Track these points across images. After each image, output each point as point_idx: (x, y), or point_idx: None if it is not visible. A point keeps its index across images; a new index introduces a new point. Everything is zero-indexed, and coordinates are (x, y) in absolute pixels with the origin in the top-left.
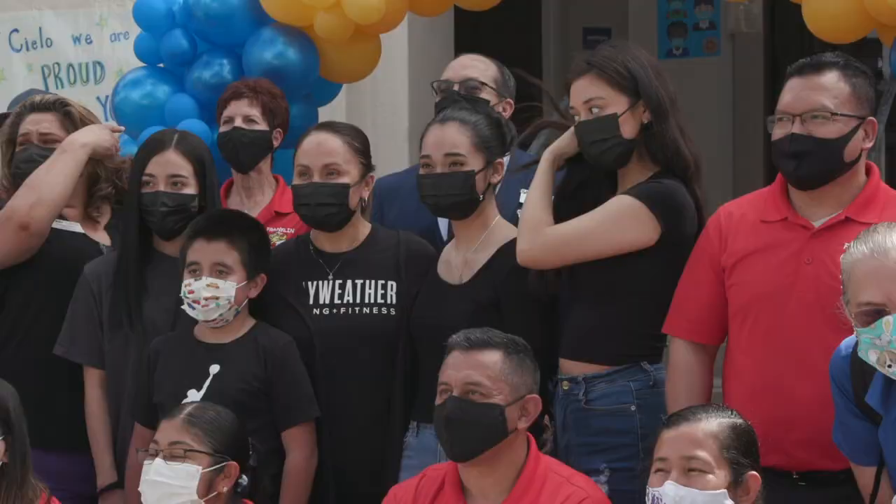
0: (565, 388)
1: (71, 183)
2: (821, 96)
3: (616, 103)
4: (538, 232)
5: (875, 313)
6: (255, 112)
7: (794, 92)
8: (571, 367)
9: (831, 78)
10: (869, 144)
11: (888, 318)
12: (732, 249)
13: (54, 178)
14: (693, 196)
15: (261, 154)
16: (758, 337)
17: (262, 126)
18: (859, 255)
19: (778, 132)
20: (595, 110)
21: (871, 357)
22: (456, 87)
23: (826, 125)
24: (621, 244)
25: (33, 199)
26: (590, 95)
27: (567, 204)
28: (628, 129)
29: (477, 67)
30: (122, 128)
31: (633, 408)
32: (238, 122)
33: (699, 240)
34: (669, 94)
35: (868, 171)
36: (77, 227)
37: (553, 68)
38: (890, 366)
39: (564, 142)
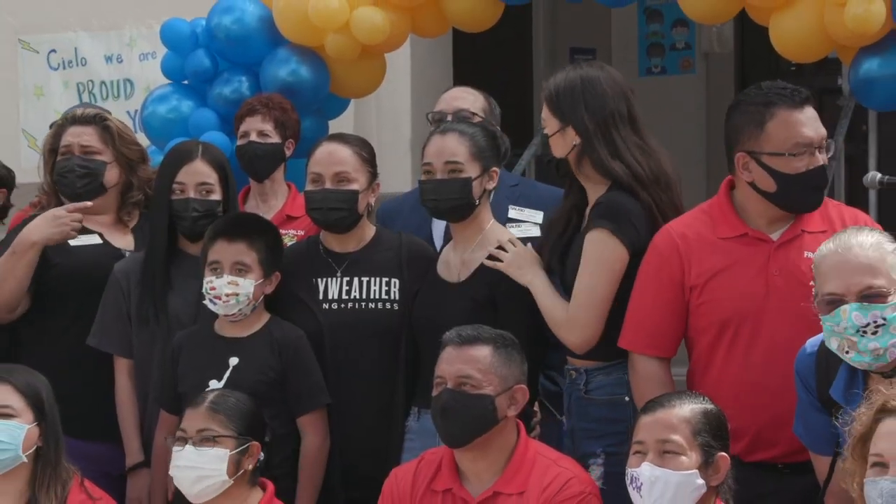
0: (572, 376)
1: (19, 283)
2: None
3: (550, 125)
4: (562, 324)
5: (835, 303)
6: (268, 126)
7: (811, 125)
8: (575, 360)
9: None
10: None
11: (844, 307)
12: (700, 269)
13: (1, 279)
14: (646, 206)
15: (275, 164)
16: (740, 348)
17: (274, 139)
18: (826, 251)
19: (801, 164)
20: (545, 129)
21: (833, 344)
22: (449, 118)
23: None
24: (619, 272)
25: None
26: (542, 116)
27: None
28: (558, 149)
29: (467, 99)
30: (89, 203)
31: (626, 398)
32: (253, 137)
33: (653, 261)
34: (600, 117)
35: None
36: (96, 239)
37: (543, 84)
38: (847, 352)
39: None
